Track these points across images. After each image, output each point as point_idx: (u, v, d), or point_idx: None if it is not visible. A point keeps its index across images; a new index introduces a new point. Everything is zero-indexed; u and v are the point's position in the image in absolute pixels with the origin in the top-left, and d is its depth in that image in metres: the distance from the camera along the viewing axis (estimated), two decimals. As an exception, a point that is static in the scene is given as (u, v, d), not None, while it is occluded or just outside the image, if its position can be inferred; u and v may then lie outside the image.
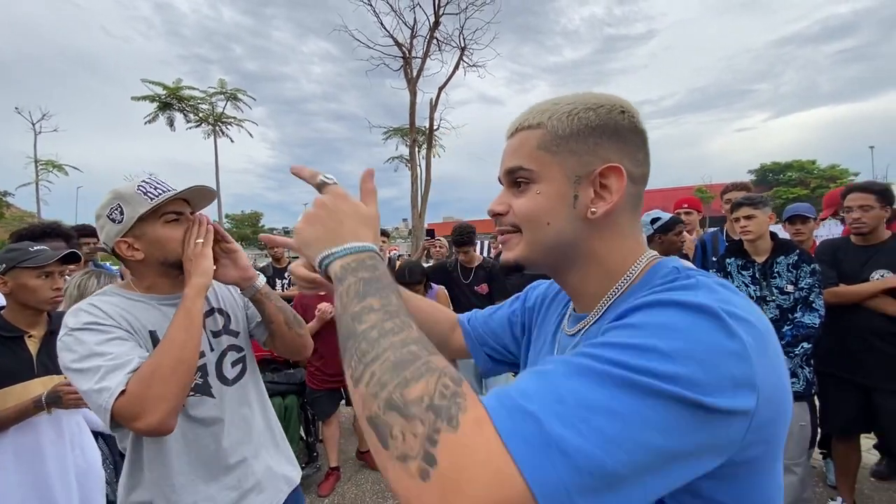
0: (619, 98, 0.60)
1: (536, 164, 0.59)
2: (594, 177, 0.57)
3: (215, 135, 19.16)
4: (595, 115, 0.57)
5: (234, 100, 19.11)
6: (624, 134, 0.58)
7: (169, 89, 17.97)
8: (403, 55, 7.79)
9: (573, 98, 0.60)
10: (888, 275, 2.24)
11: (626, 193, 0.57)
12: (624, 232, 0.60)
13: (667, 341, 0.41)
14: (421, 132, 10.13)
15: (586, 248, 0.59)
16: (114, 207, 1.08)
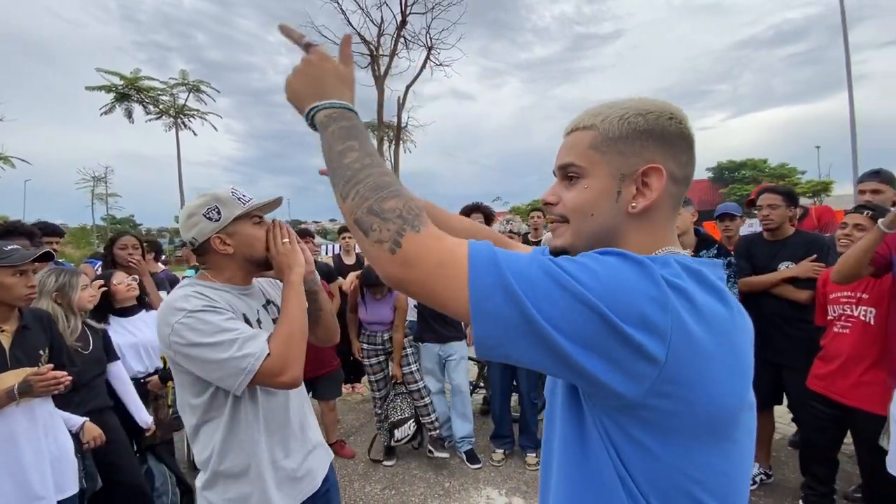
0: (669, 105, 0.66)
1: (587, 161, 0.66)
2: (637, 175, 0.64)
3: (177, 128, 18.49)
4: (644, 120, 0.64)
5: (196, 91, 18.48)
6: (670, 138, 0.64)
7: (126, 79, 17.13)
8: (370, 53, 7.85)
9: (626, 103, 0.66)
10: (791, 266, 2.57)
11: (666, 192, 0.64)
12: (657, 226, 0.66)
13: (603, 269, 0.53)
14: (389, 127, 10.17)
15: (622, 238, 0.66)
16: (211, 208, 1.25)
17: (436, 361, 3.37)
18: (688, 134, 0.66)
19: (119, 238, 2.98)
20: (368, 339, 3.37)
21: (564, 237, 0.69)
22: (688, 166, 0.66)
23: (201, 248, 1.28)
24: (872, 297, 2.11)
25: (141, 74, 17.20)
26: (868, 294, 2.12)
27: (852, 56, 16.30)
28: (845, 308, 2.21)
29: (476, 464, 3.19)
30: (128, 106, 17.68)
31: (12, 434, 1.63)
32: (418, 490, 2.96)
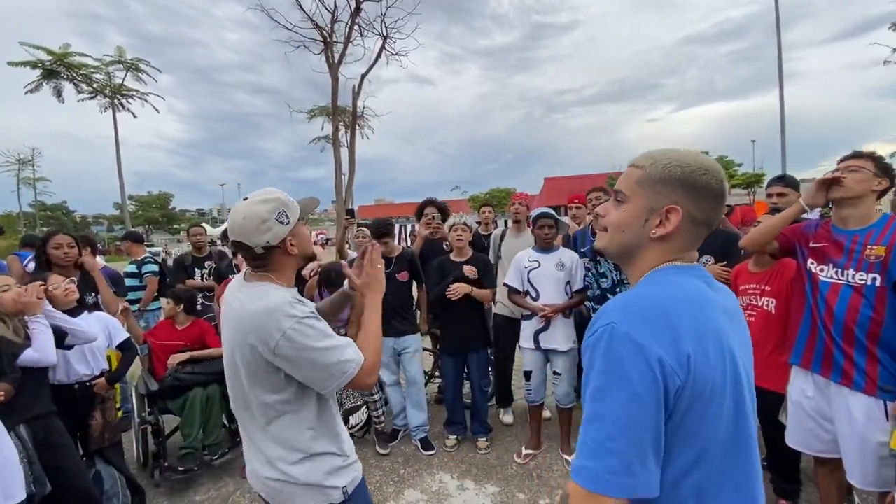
0: (707, 162, 0.85)
1: (631, 192, 0.88)
2: (662, 211, 0.84)
3: (114, 109, 17.14)
4: (681, 170, 0.83)
5: (135, 71, 17.15)
6: (697, 188, 0.83)
7: (55, 55, 15.41)
8: (324, 39, 7.66)
9: (674, 154, 0.86)
10: (710, 260, 2.85)
11: (682, 228, 0.84)
12: (669, 251, 0.86)
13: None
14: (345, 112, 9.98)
15: (640, 254, 0.88)
16: (280, 212, 1.32)
17: (391, 355, 3.47)
18: (716, 188, 0.84)
19: (52, 237, 2.85)
20: None
21: (602, 242, 0.94)
22: (710, 212, 0.85)
23: (267, 252, 1.33)
24: (774, 290, 2.40)
25: (71, 50, 15.75)
26: (770, 287, 2.42)
27: (787, 54, 17.60)
28: (751, 298, 2.50)
29: (430, 450, 3.35)
30: (56, 84, 16.03)
31: None
32: (374, 478, 3.08)
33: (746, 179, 29.88)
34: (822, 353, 2.02)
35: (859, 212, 1.93)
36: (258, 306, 1.27)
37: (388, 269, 3.50)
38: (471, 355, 3.38)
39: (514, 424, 3.77)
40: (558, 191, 39.77)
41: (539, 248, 3.23)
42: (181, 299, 3.63)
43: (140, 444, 3.31)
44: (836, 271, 1.98)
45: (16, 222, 39.32)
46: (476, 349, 3.38)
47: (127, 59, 16.82)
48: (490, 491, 2.89)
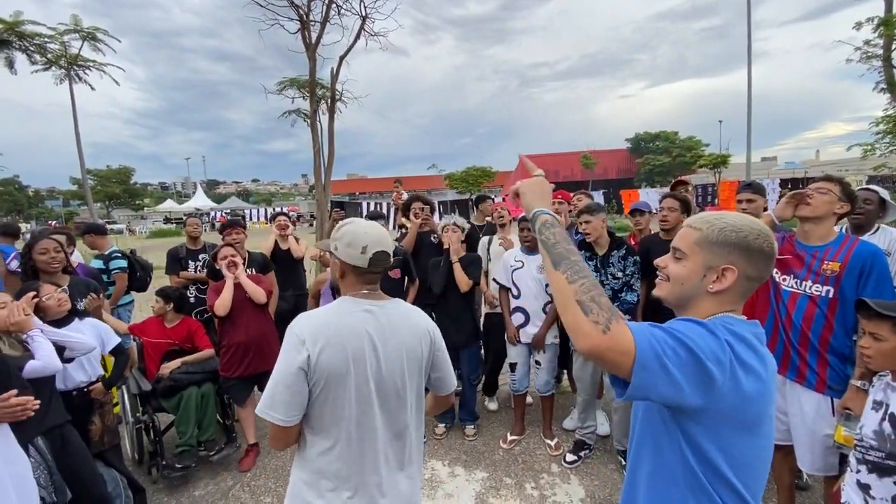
0: (759, 226, 0.98)
1: (689, 250, 1.01)
2: (719, 269, 0.97)
3: (70, 80, 16.04)
4: (736, 235, 0.97)
5: (92, 40, 16.02)
6: (752, 251, 0.96)
7: (6, 23, 14.19)
8: (301, 19, 7.40)
9: (729, 218, 1.00)
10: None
11: (738, 284, 0.97)
12: (723, 302, 0.99)
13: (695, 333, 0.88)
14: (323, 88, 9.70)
15: (695, 304, 1.01)
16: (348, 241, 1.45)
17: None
18: (768, 250, 0.98)
19: (37, 243, 2.79)
20: None
21: (662, 292, 1.07)
22: (763, 270, 0.99)
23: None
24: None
25: (23, 17, 14.60)
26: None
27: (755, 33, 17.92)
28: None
29: (421, 439, 3.53)
30: (8, 54, 14.82)
31: None
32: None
33: (713, 160, 30.89)
34: (782, 354, 2.25)
35: (820, 230, 2.14)
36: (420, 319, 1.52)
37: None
38: (462, 350, 3.54)
39: (499, 411, 3.99)
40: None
41: (525, 250, 3.38)
42: (170, 298, 3.63)
43: (135, 443, 3.37)
44: (796, 282, 2.20)
45: (-38, 198, 36.84)
46: (468, 345, 3.54)
47: (83, 28, 15.73)
48: (479, 476, 3.10)
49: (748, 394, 0.90)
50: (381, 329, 1.38)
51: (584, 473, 3.09)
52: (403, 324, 1.44)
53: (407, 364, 1.42)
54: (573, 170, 38.34)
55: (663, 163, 36.98)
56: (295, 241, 4.57)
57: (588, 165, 36.73)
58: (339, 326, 1.34)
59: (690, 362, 0.84)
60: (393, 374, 1.39)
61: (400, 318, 1.45)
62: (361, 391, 1.34)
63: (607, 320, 0.84)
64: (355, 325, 1.36)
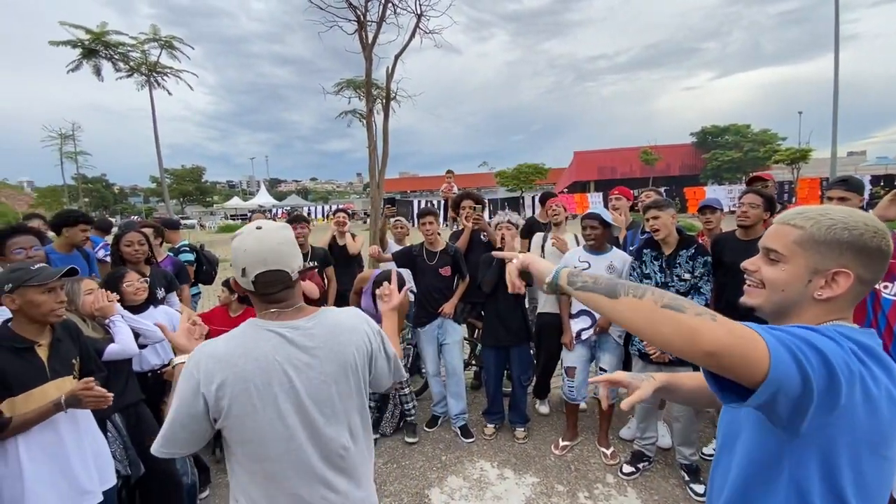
0: (874, 222, 0.84)
1: (788, 251, 0.87)
2: (829, 274, 0.84)
3: (150, 86, 17.52)
4: (849, 233, 0.83)
5: (169, 48, 17.39)
6: (868, 251, 0.83)
7: (93, 34, 15.81)
8: (358, 19, 7.56)
9: (836, 214, 0.85)
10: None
11: (850, 290, 0.84)
12: (832, 309, 0.86)
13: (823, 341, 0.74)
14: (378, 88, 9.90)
15: (798, 312, 0.88)
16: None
17: (434, 346, 3.60)
18: (886, 249, 0.84)
19: (125, 235, 3.03)
20: None
21: (757, 300, 0.93)
22: (878, 272, 0.86)
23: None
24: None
25: (108, 28, 16.06)
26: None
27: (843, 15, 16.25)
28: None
29: (469, 438, 3.49)
30: (96, 62, 16.45)
31: (60, 439, 1.79)
32: (418, 463, 3.25)
33: (790, 155, 28.33)
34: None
35: None
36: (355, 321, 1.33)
37: (432, 262, 3.58)
38: (513, 350, 3.46)
39: (551, 415, 3.87)
40: (588, 165, 38.80)
41: (589, 249, 3.21)
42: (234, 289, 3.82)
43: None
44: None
45: (60, 195, 41.21)
46: (518, 344, 3.45)
47: (161, 37, 17.11)
48: (529, 481, 3.01)
49: (877, 408, 0.76)
50: (295, 355, 1.19)
51: (643, 487, 2.92)
52: (332, 340, 1.24)
53: (337, 384, 1.24)
54: (632, 166, 36.69)
55: (733, 158, 34.48)
56: (351, 238, 4.67)
57: (648, 161, 34.97)
58: (238, 360, 1.15)
59: (821, 366, 0.71)
60: (320, 400, 1.21)
61: (326, 334, 1.24)
62: (276, 428, 1.17)
63: (712, 314, 0.74)
64: (261, 356, 1.16)
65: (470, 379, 4.51)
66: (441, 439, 3.55)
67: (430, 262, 3.56)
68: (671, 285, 2.83)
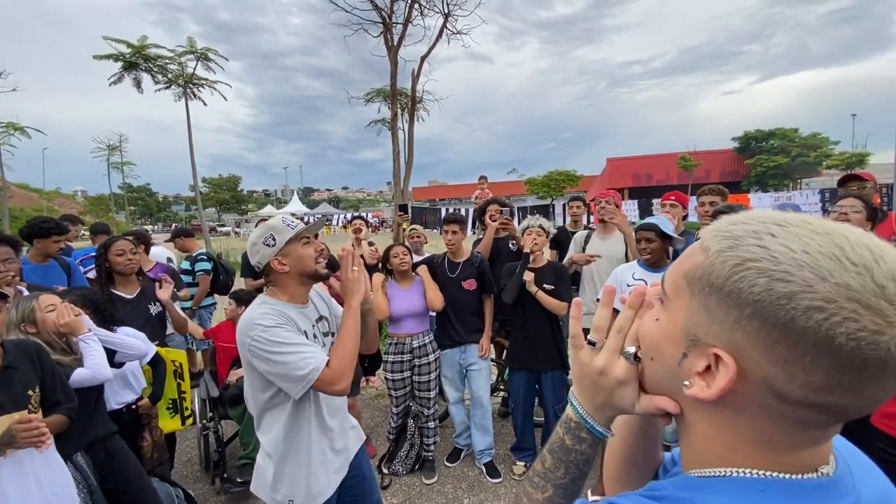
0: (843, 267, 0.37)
1: (673, 291, 0.47)
2: (710, 352, 0.44)
3: (186, 97, 17.97)
4: (764, 288, 0.39)
5: (205, 60, 17.83)
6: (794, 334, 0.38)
7: (134, 47, 16.40)
8: (383, 20, 7.36)
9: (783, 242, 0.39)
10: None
11: (754, 398, 0.43)
12: (739, 437, 0.46)
13: None
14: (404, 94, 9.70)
15: (689, 424, 0.49)
16: (268, 237, 1.54)
17: (456, 370, 3.19)
18: (862, 352, 0.36)
19: (113, 243, 2.76)
20: (396, 347, 3.13)
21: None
22: (832, 393, 0.38)
23: (265, 270, 1.57)
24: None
25: (148, 42, 16.63)
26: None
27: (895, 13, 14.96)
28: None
29: (497, 478, 3.06)
30: (136, 75, 17.01)
31: (1, 491, 1.49)
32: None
33: (845, 160, 26.51)
34: None
35: None
36: (245, 315, 1.50)
37: (454, 274, 3.19)
38: (544, 375, 3.02)
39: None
40: (621, 172, 37.65)
41: (646, 265, 2.68)
42: (242, 301, 3.55)
43: (202, 449, 3.30)
44: None
45: (107, 203, 43.31)
46: (550, 368, 3.01)
47: (197, 49, 17.61)
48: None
49: None
50: None
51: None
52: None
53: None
54: (668, 173, 35.25)
55: (779, 164, 32.58)
56: (367, 247, 4.38)
57: (687, 168, 33.51)
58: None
59: None
60: None
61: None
62: None
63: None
64: None
65: (497, 405, 4.07)
66: (464, 477, 3.13)
67: (452, 274, 3.17)
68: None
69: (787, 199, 15.59)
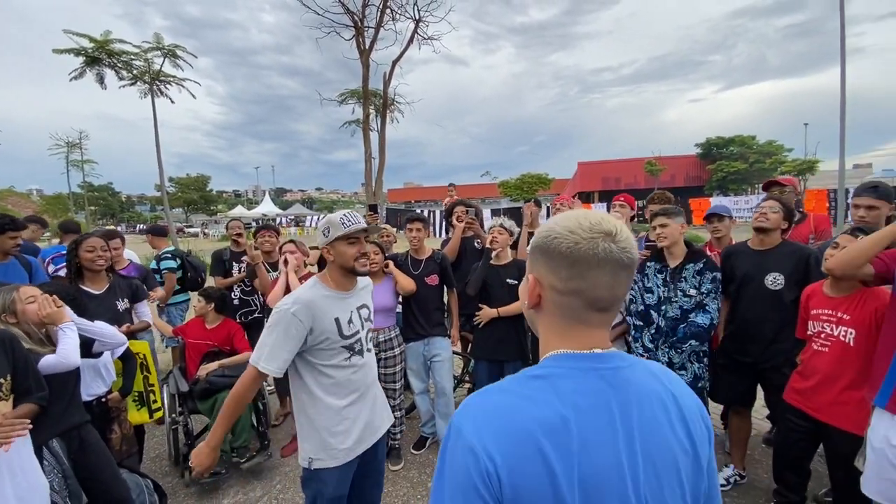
0: (577, 226, 0.73)
1: (529, 260, 0.82)
2: (532, 281, 0.79)
3: (153, 94, 17.50)
4: (539, 238, 0.78)
5: (172, 57, 17.47)
6: (550, 254, 0.75)
7: (96, 42, 15.79)
8: (355, 24, 7.46)
9: (551, 221, 0.79)
10: (780, 278, 2.56)
11: (550, 300, 0.76)
12: (550, 330, 0.79)
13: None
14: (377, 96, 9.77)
15: (538, 328, 0.82)
16: (326, 228, 1.81)
17: (421, 362, 3.35)
18: (566, 252, 0.72)
19: (85, 240, 2.80)
20: None
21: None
22: (573, 280, 0.72)
23: (321, 257, 1.92)
24: (854, 319, 2.11)
25: (112, 37, 16.09)
26: (850, 315, 2.12)
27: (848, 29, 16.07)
28: (825, 326, 2.21)
29: (459, 462, 3.23)
30: (99, 71, 16.42)
31: None
32: (402, 490, 2.99)
33: (797, 166, 28.06)
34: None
35: None
36: (297, 289, 1.85)
37: (417, 271, 3.35)
38: (507, 366, 3.21)
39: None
40: (592, 176, 38.62)
41: None
42: (212, 298, 3.61)
43: (171, 444, 3.35)
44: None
45: (66, 203, 41.43)
46: (512, 360, 3.21)
47: (164, 46, 17.14)
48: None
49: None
50: None
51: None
52: None
53: None
54: (636, 177, 36.43)
55: (738, 169, 34.18)
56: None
57: (653, 172, 34.72)
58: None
59: None
60: None
61: None
62: None
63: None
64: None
65: (463, 397, 4.25)
66: (429, 463, 3.30)
67: (416, 271, 3.34)
68: (674, 300, 2.59)
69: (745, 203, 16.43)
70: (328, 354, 1.79)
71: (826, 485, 2.66)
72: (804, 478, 2.42)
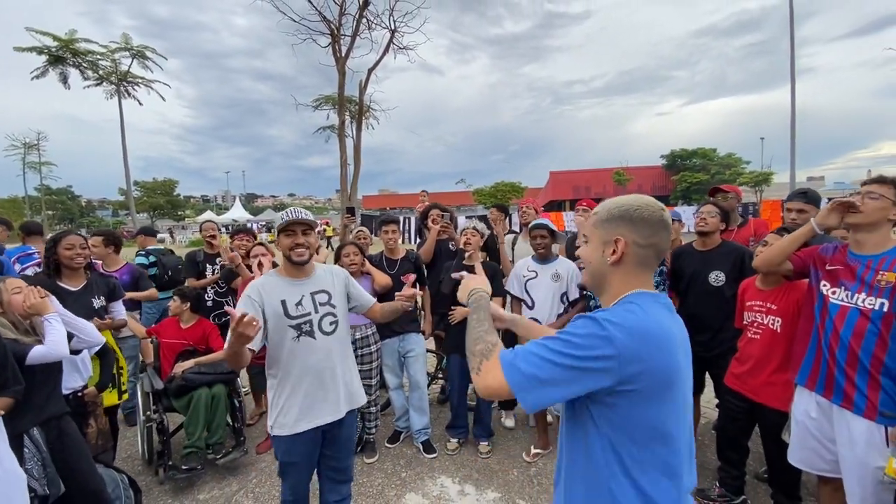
0: (646, 202, 1.07)
1: (589, 233, 1.14)
2: (611, 241, 1.07)
3: (119, 95, 17.03)
4: (619, 210, 1.07)
5: (141, 58, 17.05)
6: (633, 220, 1.05)
7: (61, 41, 15.22)
8: (331, 33, 7.58)
9: (619, 199, 1.10)
10: (721, 276, 2.83)
11: (632, 253, 1.05)
12: (627, 275, 1.06)
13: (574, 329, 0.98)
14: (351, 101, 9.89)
15: (607, 281, 1.10)
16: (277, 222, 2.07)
17: (396, 358, 3.49)
18: (649, 217, 1.05)
19: (64, 237, 2.84)
20: None
21: (584, 278, 1.20)
22: (652, 237, 1.05)
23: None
24: (780, 308, 2.38)
25: (77, 36, 15.56)
26: (777, 305, 2.40)
27: (801, 50, 17.42)
28: (757, 315, 2.48)
29: (432, 453, 3.37)
30: (62, 70, 15.89)
31: None
32: (376, 481, 3.11)
33: (754, 178, 29.63)
34: (825, 375, 2.01)
35: (875, 238, 1.91)
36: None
37: (393, 270, 3.50)
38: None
39: (516, 428, 3.79)
40: (564, 185, 39.59)
41: (537, 258, 3.26)
42: (187, 297, 3.65)
43: (145, 442, 3.36)
44: (846, 294, 1.97)
45: (21, 206, 39.48)
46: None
47: (133, 46, 16.72)
48: (490, 497, 2.91)
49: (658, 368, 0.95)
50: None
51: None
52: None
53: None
54: (605, 186, 37.61)
55: (701, 180, 35.77)
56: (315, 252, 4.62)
57: (621, 182, 35.93)
58: None
59: (566, 367, 0.93)
60: None
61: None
62: None
63: (478, 364, 1.02)
64: None
65: (436, 393, 4.40)
66: (402, 455, 3.42)
67: (391, 271, 3.49)
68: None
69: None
70: (279, 336, 2.00)
71: (765, 463, 2.93)
72: (743, 454, 2.68)
